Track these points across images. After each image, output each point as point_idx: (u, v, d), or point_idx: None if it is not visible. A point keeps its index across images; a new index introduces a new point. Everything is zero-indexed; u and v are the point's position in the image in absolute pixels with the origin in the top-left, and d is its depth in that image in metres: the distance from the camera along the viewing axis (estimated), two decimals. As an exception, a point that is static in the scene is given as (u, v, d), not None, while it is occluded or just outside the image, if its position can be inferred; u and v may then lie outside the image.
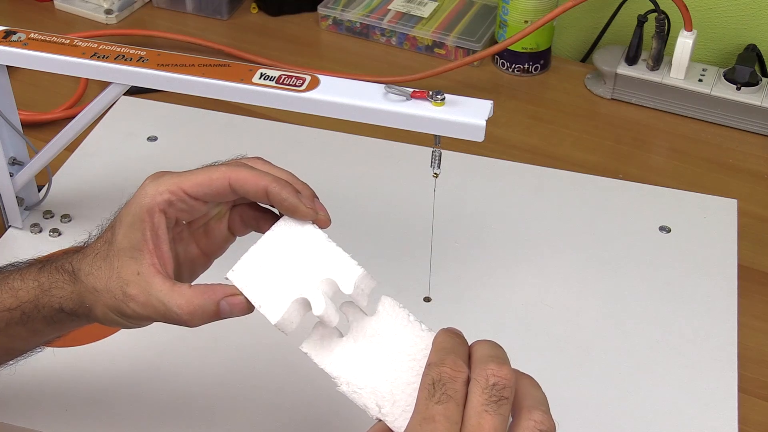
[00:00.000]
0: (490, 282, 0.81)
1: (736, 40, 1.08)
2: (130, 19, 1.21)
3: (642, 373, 0.73)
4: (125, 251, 0.56)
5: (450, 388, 0.46)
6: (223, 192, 0.56)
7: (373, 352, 0.53)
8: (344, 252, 0.55)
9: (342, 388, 0.52)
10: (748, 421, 0.71)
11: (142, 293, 0.55)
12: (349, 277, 0.54)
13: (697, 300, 0.79)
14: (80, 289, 0.57)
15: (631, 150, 0.99)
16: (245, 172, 0.56)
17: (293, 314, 0.54)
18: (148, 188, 0.56)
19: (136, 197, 0.56)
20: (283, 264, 0.56)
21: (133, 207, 0.56)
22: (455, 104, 0.66)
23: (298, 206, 0.56)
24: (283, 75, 0.69)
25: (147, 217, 0.55)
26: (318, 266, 0.55)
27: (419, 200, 0.86)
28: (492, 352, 0.48)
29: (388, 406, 0.51)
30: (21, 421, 0.69)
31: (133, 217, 0.56)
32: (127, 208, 0.57)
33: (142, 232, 0.55)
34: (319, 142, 0.96)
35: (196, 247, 0.60)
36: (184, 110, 1.00)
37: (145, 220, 0.55)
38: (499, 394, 0.46)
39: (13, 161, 0.82)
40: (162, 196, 0.56)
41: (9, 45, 0.74)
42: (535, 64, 1.10)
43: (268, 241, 0.57)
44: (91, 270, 0.57)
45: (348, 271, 0.54)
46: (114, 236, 0.57)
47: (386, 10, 1.17)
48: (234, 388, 0.71)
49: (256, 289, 0.55)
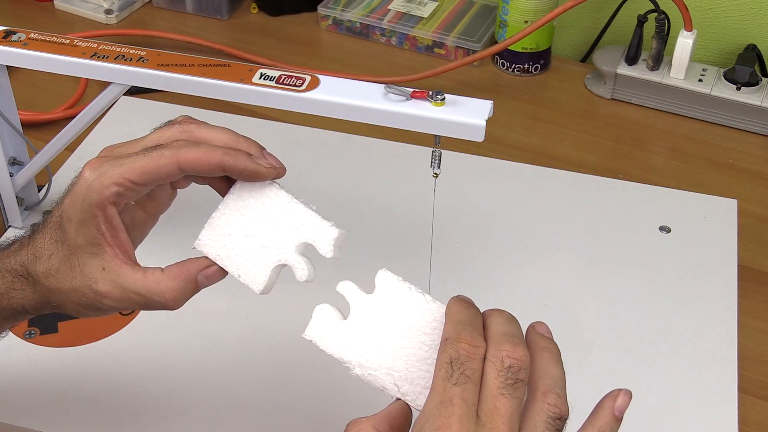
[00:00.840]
0: (490, 282, 0.81)
1: (736, 40, 1.08)
2: (130, 19, 1.21)
3: (642, 373, 0.73)
4: (83, 248, 0.54)
5: (468, 368, 0.45)
6: (173, 174, 0.54)
7: (380, 330, 0.51)
8: (313, 212, 0.54)
9: (356, 371, 0.50)
10: (748, 421, 0.71)
11: (116, 288, 0.54)
12: (326, 240, 0.54)
13: (697, 300, 0.79)
14: (42, 290, 0.56)
15: (631, 150, 0.99)
16: (193, 152, 0.53)
17: (273, 279, 0.54)
18: (92, 182, 0.53)
19: (80, 193, 0.53)
20: (251, 228, 0.54)
21: (78, 202, 0.53)
22: (455, 104, 0.66)
23: (258, 170, 0.54)
24: (283, 75, 0.69)
25: (98, 212, 0.53)
26: (290, 229, 0.54)
27: (419, 200, 0.86)
28: (507, 329, 0.48)
29: (407, 385, 0.49)
30: (21, 421, 0.69)
31: (83, 213, 0.53)
32: (72, 204, 0.54)
33: (96, 227, 0.53)
34: (319, 142, 0.96)
35: (142, 212, 0.58)
36: (184, 110, 1.00)
37: (97, 215, 0.53)
38: (515, 377, 0.45)
39: (13, 161, 0.82)
40: (109, 190, 0.53)
41: (9, 45, 0.74)
42: (535, 64, 1.10)
43: (230, 205, 0.55)
44: (48, 272, 0.55)
45: (324, 234, 0.54)
46: (65, 234, 0.55)
47: (386, 10, 1.17)
48: (234, 387, 0.71)
49: (231, 258, 0.54)
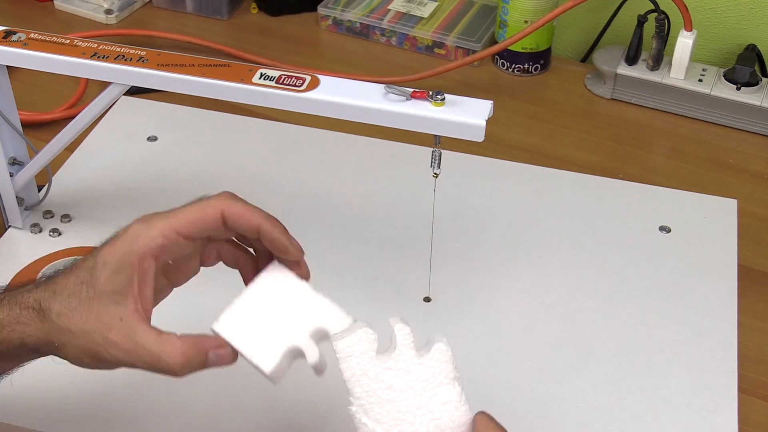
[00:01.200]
0: (490, 282, 0.81)
1: (736, 40, 1.08)
2: (130, 19, 1.21)
3: (642, 373, 0.73)
4: (107, 295, 0.54)
5: None
6: (216, 226, 0.55)
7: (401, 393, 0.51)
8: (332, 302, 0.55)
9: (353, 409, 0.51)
10: (748, 421, 0.71)
11: (127, 340, 0.53)
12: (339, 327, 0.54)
13: (697, 300, 0.79)
14: (49, 328, 0.55)
15: (631, 150, 0.99)
16: (239, 206, 0.55)
17: (284, 363, 0.54)
18: (139, 233, 0.54)
19: (125, 242, 0.54)
20: (270, 314, 0.55)
21: (120, 251, 0.54)
22: (455, 104, 0.66)
23: (288, 247, 0.55)
24: (283, 75, 0.69)
25: (137, 262, 0.53)
26: (306, 316, 0.55)
27: (419, 200, 0.86)
28: None
29: None
30: (21, 421, 0.69)
31: (121, 262, 0.53)
32: (113, 251, 0.54)
33: (129, 278, 0.53)
34: (319, 142, 0.96)
35: (164, 279, 0.59)
36: (184, 110, 1.00)
37: (135, 266, 0.53)
38: None
39: (13, 161, 0.82)
40: (155, 242, 0.54)
41: (9, 45, 0.74)
42: (535, 64, 1.10)
43: (253, 293, 0.57)
44: (63, 310, 0.54)
45: (338, 321, 0.54)
46: (94, 278, 0.54)
47: (386, 10, 1.17)
48: (235, 387, 0.71)
49: (245, 340, 0.55)
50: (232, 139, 0.97)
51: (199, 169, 0.92)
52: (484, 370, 0.73)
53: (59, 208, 0.87)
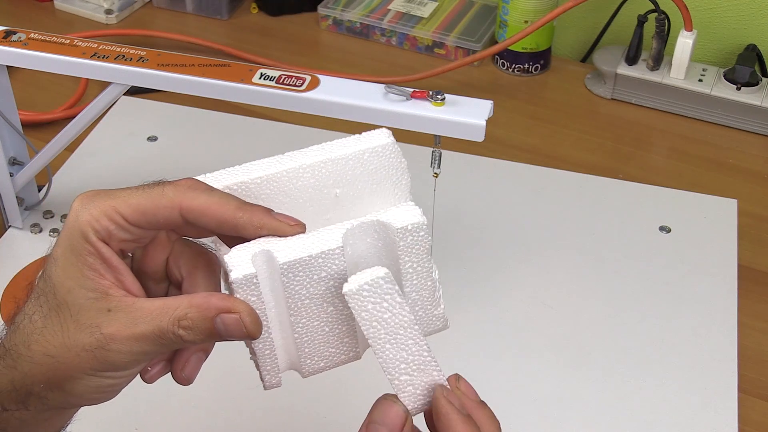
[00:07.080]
0: (490, 282, 0.81)
1: (736, 40, 1.08)
2: (130, 19, 1.21)
3: (642, 372, 0.73)
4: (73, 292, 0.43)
5: None
6: (172, 224, 0.45)
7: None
8: None
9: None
10: (748, 421, 0.71)
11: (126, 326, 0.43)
12: None
13: (697, 300, 0.79)
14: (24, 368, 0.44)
15: (631, 150, 0.99)
16: (203, 198, 0.45)
17: None
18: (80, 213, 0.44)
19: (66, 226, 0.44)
20: None
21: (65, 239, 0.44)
22: (455, 104, 0.66)
23: (279, 228, 0.46)
24: (283, 75, 0.69)
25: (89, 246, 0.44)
26: None
27: (419, 200, 0.86)
28: None
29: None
30: (21, 421, 0.69)
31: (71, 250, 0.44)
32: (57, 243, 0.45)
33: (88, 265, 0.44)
34: (319, 142, 0.96)
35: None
36: (184, 110, 1.00)
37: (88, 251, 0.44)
38: None
39: (13, 161, 0.82)
40: (99, 222, 0.43)
41: (9, 45, 0.74)
42: (535, 64, 1.10)
43: None
44: (30, 337, 0.44)
45: None
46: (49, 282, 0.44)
47: (386, 10, 1.17)
48: (235, 387, 0.71)
49: None
50: (232, 139, 0.97)
51: (199, 169, 0.92)
52: (484, 370, 0.73)
53: (59, 208, 0.87)
